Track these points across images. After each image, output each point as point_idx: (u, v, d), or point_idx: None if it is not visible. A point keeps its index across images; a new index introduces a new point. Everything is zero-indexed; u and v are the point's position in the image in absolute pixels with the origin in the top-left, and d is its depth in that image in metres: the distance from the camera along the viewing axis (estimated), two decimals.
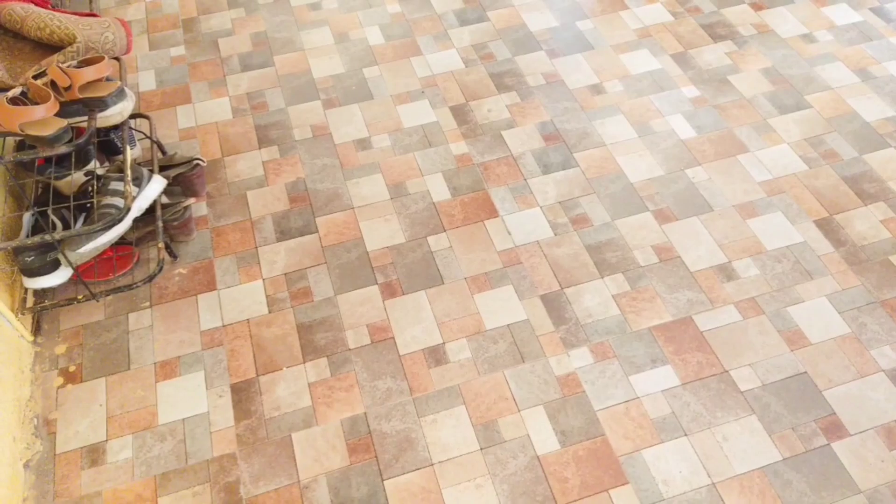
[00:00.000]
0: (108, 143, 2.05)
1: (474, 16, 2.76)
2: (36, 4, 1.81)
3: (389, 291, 1.95)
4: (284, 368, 1.81)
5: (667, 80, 2.49)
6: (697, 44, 2.61)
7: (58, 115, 1.58)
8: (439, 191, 2.18)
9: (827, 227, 2.05)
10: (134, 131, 2.12)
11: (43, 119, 1.49)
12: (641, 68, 2.53)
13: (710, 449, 1.64)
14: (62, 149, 1.48)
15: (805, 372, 1.76)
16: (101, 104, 1.57)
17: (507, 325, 1.87)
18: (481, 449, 1.66)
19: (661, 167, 2.22)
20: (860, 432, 1.66)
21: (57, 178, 1.80)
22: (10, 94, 1.50)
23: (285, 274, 1.99)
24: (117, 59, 1.78)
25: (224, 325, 1.89)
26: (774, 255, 1.99)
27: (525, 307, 1.90)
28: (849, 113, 2.35)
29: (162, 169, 2.06)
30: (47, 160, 1.84)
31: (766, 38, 2.62)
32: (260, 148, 2.31)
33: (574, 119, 2.37)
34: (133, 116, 2.06)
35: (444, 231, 2.07)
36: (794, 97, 2.41)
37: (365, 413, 1.73)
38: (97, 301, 1.91)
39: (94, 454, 1.67)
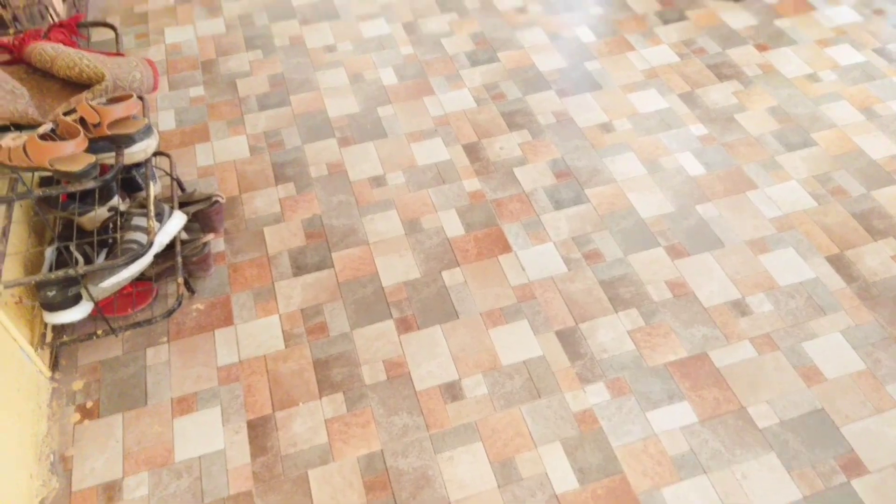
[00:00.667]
0: (129, 181, 2.09)
1: (485, 57, 2.83)
2: (65, 45, 1.86)
3: (405, 326, 1.96)
4: (301, 404, 1.81)
5: (675, 118, 2.53)
6: (704, 83, 2.67)
7: (86, 151, 1.61)
8: (453, 226, 2.20)
9: (838, 262, 2.07)
10: (155, 169, 2.16)
11: (72, 155, 1.52)
12: (649, 107, 2.58)
13: (731, 487, 1.63)
14: (90, 184, 1.51)
15: (822, 408, 1.76)
16: (128, 141, 1.61)
17: (523, 361, 1.87)
18: (499, 487, 1.65)
19: (672, 203, 2.24)
20: (879, 470, 1.65)
21: (80, 214, 1.83)
22: (41, 130, 1.54)
23: (301, 309, 2.00)
24: (141, 97, 1.83)
25: (241, 361, 1.90)
26: (787, 291, 2.00)
27: (540, 342, 1.91)
28: (855, 150, 2.39)
29: (182, 205, 2.09)
30: (71, 196, 1.87)
31: (771, 78, 2.68)
32: (276, 185, 2.35)
33: (584, 156, 2.41)
34: (154, 154, 2.10)
35: (459, 266, 2.09)
36: (800, 135, 2.45)
37: (381, 450, 1.72)
38: (116, 336, 1.92)
39: (109, 492, 1.66)
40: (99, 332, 1.83)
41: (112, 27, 2.03)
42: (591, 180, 2.33)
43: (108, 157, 1.65)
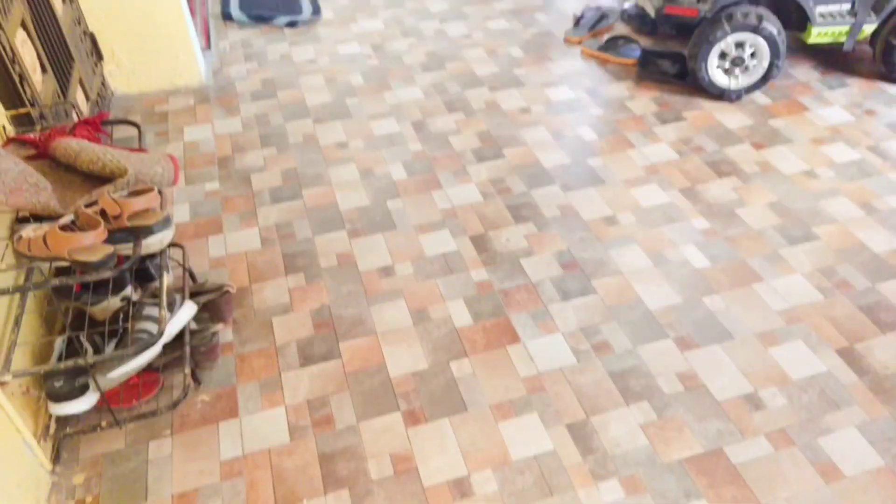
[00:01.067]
0: (142, 271, 2.12)
1: (491, 153, 2.93)
2: (89, 141, 1.94)
3: (412, 419, 1.93)
4: (305, 501, 1.75)
5: (677, 212, 2.59)
6: (704, 179, 2.75)
7: (104, 242, 1.65)
8: (461, 316, 2.21)
9: (848, 356, 2.06)
10: (168, 259, 2.19)
11: (91, 245, 1.56)
12: (652, 201, 2.65)
13: None
14: (106, 273, 1.53)
15: None
16: (146, 232, 1.65)
17: (534, 456, 1.83)
18: None
19: (679, 295, 2.26)
20: None
21: (93, 304, 1.84)
22: (62, 221, 1.58)
23: (308, 400, 1.98)
24: (160, 191, 1.88)
25: (244, 455, 1.85)
26: (800, 385, 1.98)
27: (551, 436, 1.87)
28: (857, 245, 2.43)
29: (192, 295, 2.11)
30: (84, 286, 1.90)
31: (770, 175, 2.76)
32: (286, 275, 2.38)
33: (590, 248, 2.45)
34: (168, 245, 2.14)
35: (467, 357, 2.08)
36: (801, 229, 2.50)
37: None
38: (120, 428, 1.89)
39: None
40: (103, 423, 1.81)
41: (135, 125, 2.13)
42: (597, 271, 2.35)
43: (126, 248, 1.68)
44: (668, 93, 3.29)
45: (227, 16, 4.06)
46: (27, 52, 2.35)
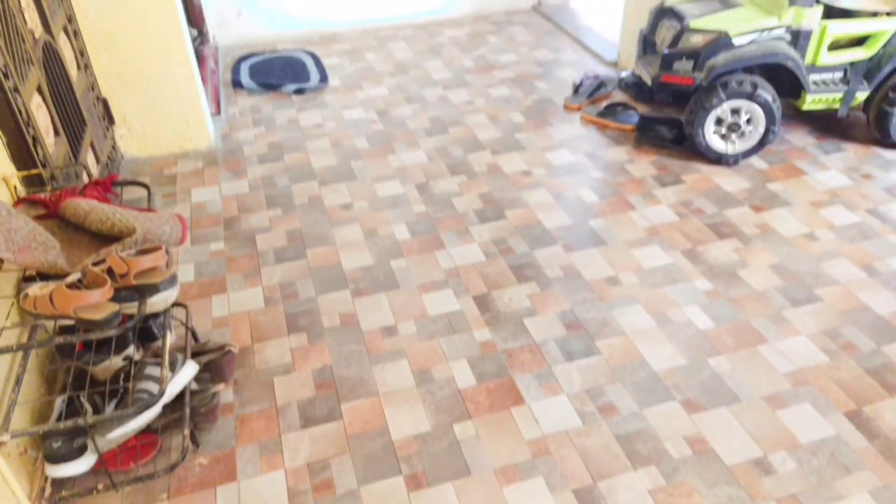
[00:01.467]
0: (144, 330, 2.12)
1: (493, 214, 2.97)
2: (99, 201, 1.98)
3: (414, 483, 1.88)
4: None
5: (679, 273, 2.60)
6: (705, 241, 2.77)
7: (110, 300, 1.66)
8: (464, 377, 2.19)
9: (857, 419, 2.02)
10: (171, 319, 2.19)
11: (96, 303, 1.56)
12: (654, 262, 2.66)
13: None
14: (111, 332, 1.53)
15: None
16: (152, 291, 1.66)
17: None
18: None
19: (683, 356, 2.24)
20: None
21: (95, 364, 1.83)
22: (69, 279, 1.59)
23: (308, 464, 1.94)
24: (167, 250, 1.90)
25: None
26: (809, 449, 1.94)
27: (557, 502, 1.82)
28: (861, 306, 2.42)
29: (194, 355, 2.10)
30: (86, 345, 1.89)
31: (770, 237, 2.78)
32: (289, 335, 2.37)
33: (593, 308, 2.45)
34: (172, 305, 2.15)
35: (471, 419, 2.05)
36: (804, 291, 2.50)
37: None
38: (116, 491, 1.85)
39: None
40: (100, 486, 1.77)
41: (145, 186, 2.17)
42: (600, 332, 2.35)
43: (131, 307, 1.69)
44: (666, 157, 3.36)
45: (237, 84, 4.18)
46: (41, 116, 2.42)
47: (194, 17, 4.37)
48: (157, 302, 1.71)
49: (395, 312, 2.46)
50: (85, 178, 2.67)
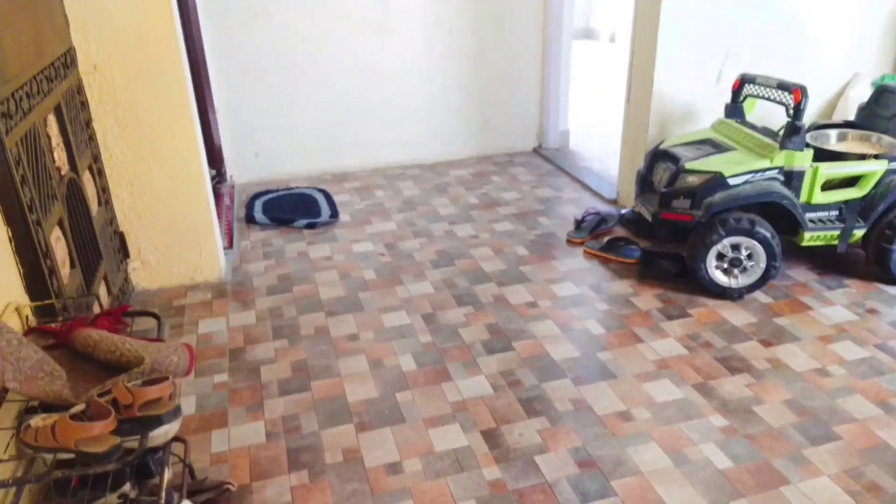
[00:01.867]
0: (141, 466, 2.04)
1: (500, 345, 2.96)
2: (109, 331, 1.98)
3: None
4: None
5: (693, 408, 2.54)
6: (716, 375, 2.73)
7: (111, 432, 1.61)
8: None
9: None
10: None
11: (98, 436, 1.52)
12: (666, 397, 2.61)
13: None
14: (110, 466, 1.48)
15: None
16: (155, 422, 1.62)
17: None
18: None
19: (704, 499, 2.14)
20: None
21: (90, 502, 1.75)
22: (73, 410, 1.56)
23: None
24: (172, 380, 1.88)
25: None
26: None
27: None
28: (881, 444, 2.35)
29: (190, 494, 2.01)
30: (82, 481, 1.81)
31: (782, 372, 2.74)
32: (290, 472, 2.28)
33: (606, 445, 2.37)
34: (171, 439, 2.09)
35: None
36: (821, 428, 2.43)
37: None
38: None
39: None
40: None
41: (156, 316, 2.18)
42: (615, 471, 2.25)
43: (132, 441, 1.64)
44: (671, 290, 3.39)
45: (250, 219, 4.33)
46: (59, 248, 2.49)
47: (214, 158, 4.61)
48: (158, 435, 1.67)
49: (399, 448, 2.38)
50: (96, 310, 2.69)
